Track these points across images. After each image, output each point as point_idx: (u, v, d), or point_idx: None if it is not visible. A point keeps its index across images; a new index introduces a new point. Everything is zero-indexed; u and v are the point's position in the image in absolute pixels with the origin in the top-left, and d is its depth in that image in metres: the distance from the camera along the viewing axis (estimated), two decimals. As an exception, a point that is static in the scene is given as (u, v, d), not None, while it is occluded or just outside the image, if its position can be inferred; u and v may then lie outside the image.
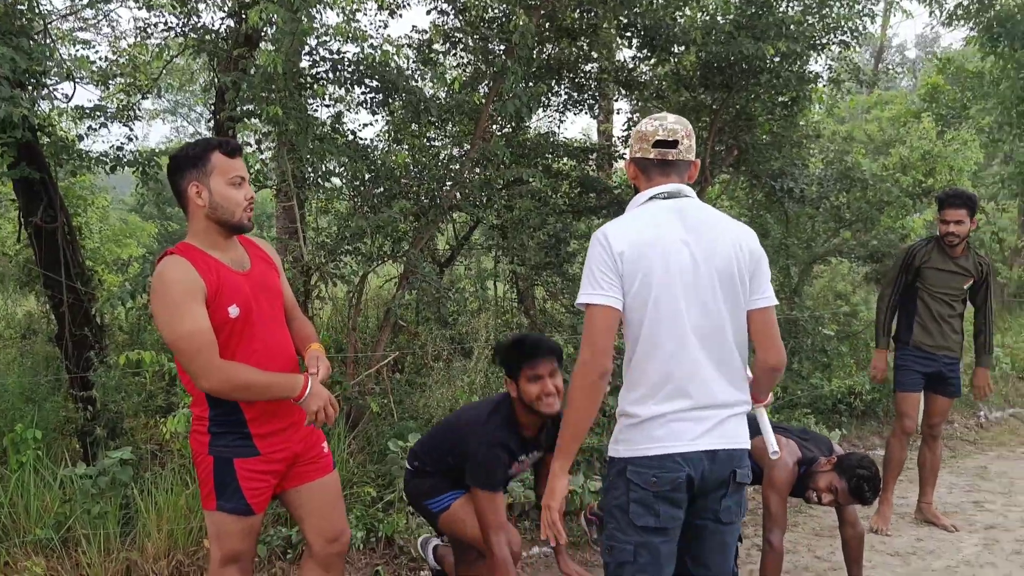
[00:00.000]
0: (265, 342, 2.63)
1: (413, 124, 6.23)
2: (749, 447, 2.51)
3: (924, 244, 4.87)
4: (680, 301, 2.39)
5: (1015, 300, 12.92)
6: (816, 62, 7.62)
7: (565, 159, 7.81)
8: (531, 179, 5.40)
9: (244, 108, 4.83)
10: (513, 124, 7.19)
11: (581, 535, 4.69)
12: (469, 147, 5.77)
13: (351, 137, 5.57)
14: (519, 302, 7.59)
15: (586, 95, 7.84)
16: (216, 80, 5.82)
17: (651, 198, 2.49)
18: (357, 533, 4.13)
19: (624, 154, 8.01)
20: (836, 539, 4.74)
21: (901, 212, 7.97)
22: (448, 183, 5.37)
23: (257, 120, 5.10)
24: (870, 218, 8.06)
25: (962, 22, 10.72)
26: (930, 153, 8.00)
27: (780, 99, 7.55)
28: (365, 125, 10.57)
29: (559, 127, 20.42)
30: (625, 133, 8.20)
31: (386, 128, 6.49)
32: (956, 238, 4.72)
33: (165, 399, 4.75)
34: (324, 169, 5.14)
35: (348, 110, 6.04)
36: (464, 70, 7.16)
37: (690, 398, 2.39)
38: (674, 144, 2.48)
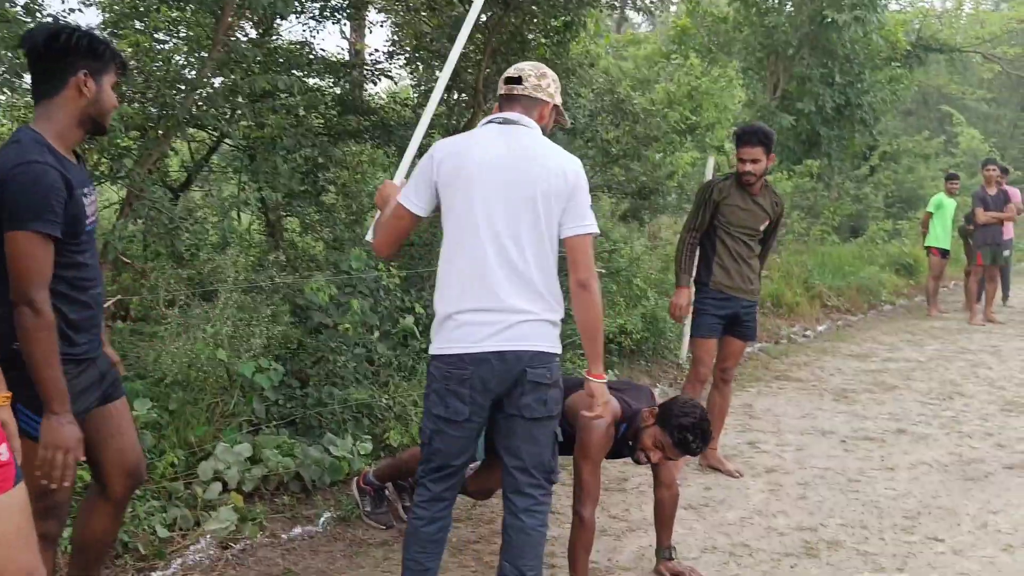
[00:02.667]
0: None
1: (135, 20, 5.07)
2: (545, 350, 2.67)
3: (723, 180, 4.60)
4: (484, 211, 2.63)
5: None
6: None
7: (321, 76, 6.88)
8: (285, 90, 4.50)
9: None
10: (263, 28, 6.17)
11: (352, 508, 4.02)
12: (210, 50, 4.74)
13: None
14: (269, 235, 6.65)
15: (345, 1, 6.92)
16: None
17: (488, 122, 2.78)
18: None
19: (389, 71, 7.23)
20: (628, 494, 4.44)
21: (669, 148, 7.86)
22: (182, 87, 4.34)
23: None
24: (638, 153, 7.89)
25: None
26: (696, 90, 7.93)
27: (554, 23, 7.13)
28: (72, 10, 8.86)
29: (315, 37, 18.97)
30: (389, 48, 7.41)
31: (101, 21, 5.25)
32: (753, 176, 4.48)
33: None
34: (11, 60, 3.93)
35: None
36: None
37: (479, 302, 2.62)
38: (519, 80, 2.77)
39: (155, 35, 5.27)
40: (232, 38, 4.62)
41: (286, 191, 6.16)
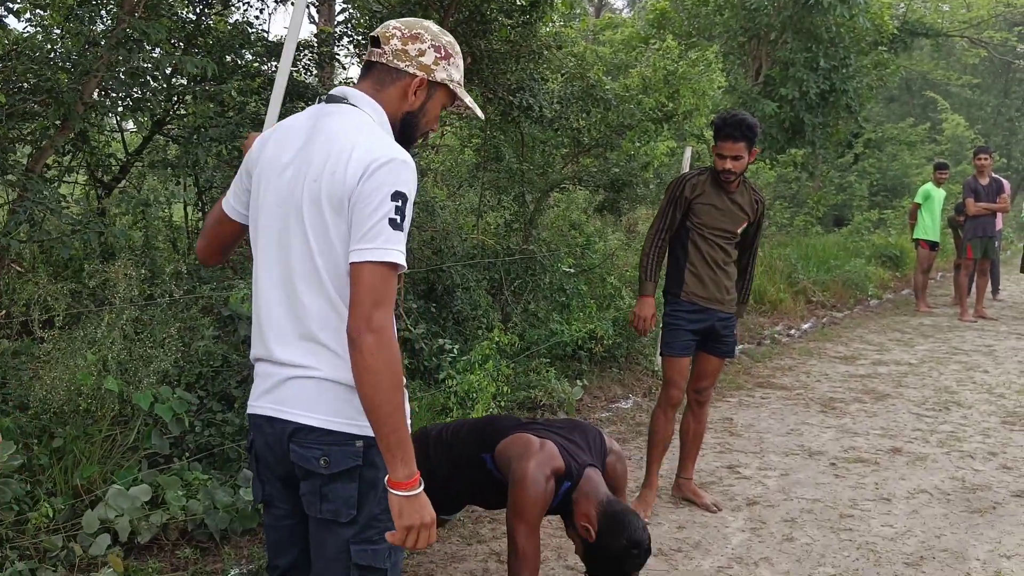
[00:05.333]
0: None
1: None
2: (314, 424, 1.87)
3: (697, 174, 4.03)
4: (265, 227, 1.95)
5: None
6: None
7: (263, 60, 6.25)
8: (195, 70, 3.88)
9: None
10: (205, 7, 5.55)
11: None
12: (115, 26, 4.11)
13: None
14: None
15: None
16: None
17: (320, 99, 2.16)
18: None
19: (336, 54, 6.62)
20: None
21: (643, 137, 7.28)
22: (70, 68, 3.72)
23: None
24: (611, 143, 7.31)
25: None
26: (674, 74, 7.35)
27: (519, 1, 6.55)
28: None
29: (259, 18, 18.25)
30: (341, 28, 6.80)
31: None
32: (732, 175, 3.91)
33: None
34: None
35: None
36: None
37: (258, 349, 1.97)
38: (377, 42, 1.99)
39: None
40: (137, 15, 3.98)
41: (224, 185, 5.56)
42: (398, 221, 1.80)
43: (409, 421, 1.87)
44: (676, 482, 4.34)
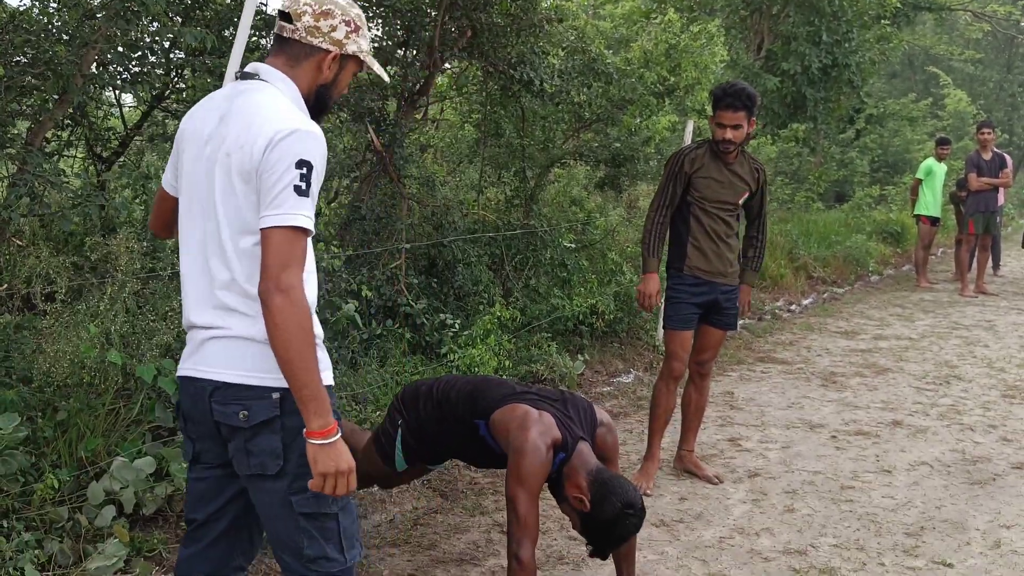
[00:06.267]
0: None
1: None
2: (233, 380, 1.96)
3: (694, 148, 4.01)
4: (186, 199, 2.07)
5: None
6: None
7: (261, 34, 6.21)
8: (194, 42, 3.85)
9: None
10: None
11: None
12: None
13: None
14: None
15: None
16: None
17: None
18: None
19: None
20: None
21: (645, 112, 7.24)
22: (67, 39, 3.70)
23: None
24: (612, 118, 7.27)
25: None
26: (675, 48, 7.30)
27: (519, -27, 6.48)
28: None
29: None
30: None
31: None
32: (732, 145, 3.89)
33: None
34: None
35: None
36: None
37: (184, 316, 2.08)
38: (289, 18, 2.04)
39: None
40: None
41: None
42: (303, 188, 1.88)
43: (329, 373, 2.02)
44: (678, 454, 4.36)
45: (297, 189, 1.88)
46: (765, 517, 3.84)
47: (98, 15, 3.93)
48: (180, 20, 5.20)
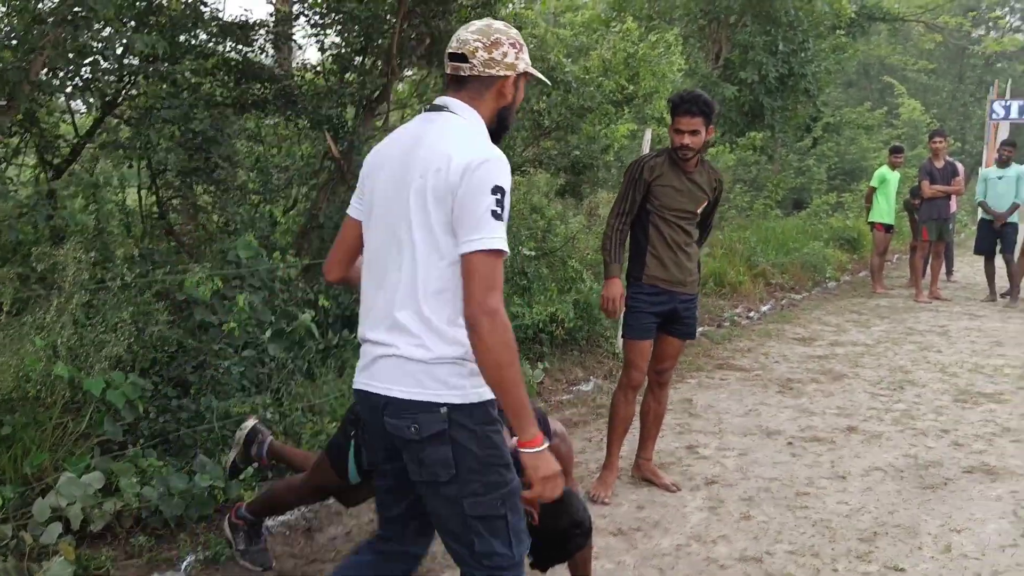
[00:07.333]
0: None
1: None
2: (401, 396, 2.09)
3: (654, 156, 4.03)
4: (377, 219, 2.21)
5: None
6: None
7: (218, 40, 6.12)
8: (146, 48, 3.79)
9: None
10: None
11: (223, 546, 3.40)
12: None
13: None
14: (159, 217, 5.94)
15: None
16: None
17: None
18: None
19: (292, 34, 6.52)
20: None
21: (604, 120, 7.28)
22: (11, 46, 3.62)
23: None
24: (571, 125, 7.29)
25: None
26: (633, 56, 7.35)
27: (478, -19, 6.48)
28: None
29: None
30: (298, 7, 6.70)
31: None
32: (690, 151, 3.91)
33: None
34: None
35: None
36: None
37: (359, 328, 2.23)
38: (463, 58, 2.18)
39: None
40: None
41: (177, 168, 5.47)
42: (499, 212, 2.00)
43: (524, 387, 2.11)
44: (636, 462, 4.37)
45: (494, 214, 1.99)
46: (722, 524, 3.86)
47: (48, 20, 3.86)
48: (133, 25, 5.13)
